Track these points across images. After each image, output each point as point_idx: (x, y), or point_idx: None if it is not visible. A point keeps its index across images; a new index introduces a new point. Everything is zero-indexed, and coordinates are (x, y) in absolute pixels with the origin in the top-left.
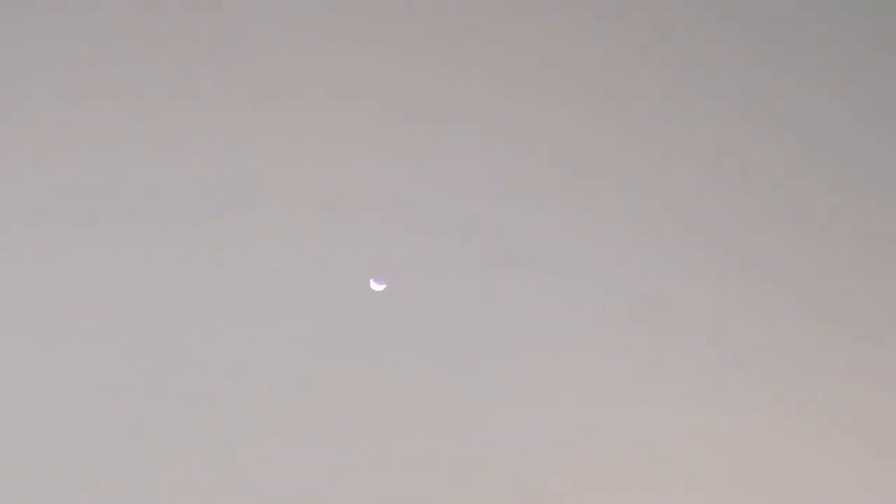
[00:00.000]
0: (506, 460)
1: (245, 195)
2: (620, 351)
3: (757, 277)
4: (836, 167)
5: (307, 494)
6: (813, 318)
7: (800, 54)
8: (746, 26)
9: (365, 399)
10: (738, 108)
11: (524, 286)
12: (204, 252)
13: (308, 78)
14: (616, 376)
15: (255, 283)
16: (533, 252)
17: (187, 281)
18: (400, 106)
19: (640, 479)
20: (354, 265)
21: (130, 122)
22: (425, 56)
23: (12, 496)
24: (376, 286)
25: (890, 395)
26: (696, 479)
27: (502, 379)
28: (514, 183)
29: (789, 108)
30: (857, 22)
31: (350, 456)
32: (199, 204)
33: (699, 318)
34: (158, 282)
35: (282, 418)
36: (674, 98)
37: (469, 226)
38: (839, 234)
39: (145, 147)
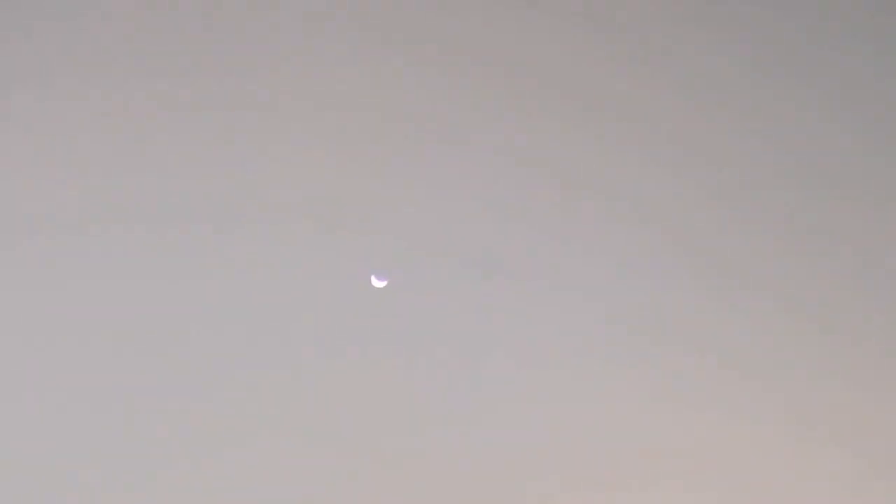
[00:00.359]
0: (502, 464)
1: (244, 202)
2: (616, 357)
3: (751, 283)
4: (835, 179)
5: (305, 495)
6: (808, 324)
7: (796, 69)
8: (739, 39)
9: (362, 403)
10: (732, 118)
11: (522, 292)
12: (203, 258)
13: (308, 89)
14: (611, 382)
15: (254, 291)
16: (530, 259)
17: (187, 286)
18: (399, 117)
19: (633, 484)
20: (353, 271)
21: (132, 132)
22: (424, 70)
23: (12, 496)
24: (377, 283)
25: (886, 401)
26: (692, 483)
27: (499, 383)
28: (513, 191)
29: (783, 118)
30: (854, 32)
31: (348, 457)
32: (199, 211)
33: (694, 325)
34: (158, 285)
35: (280, 421)
36: (667, 109)
37: (469, 233)
38: (836, 244)
39: (146, 157)
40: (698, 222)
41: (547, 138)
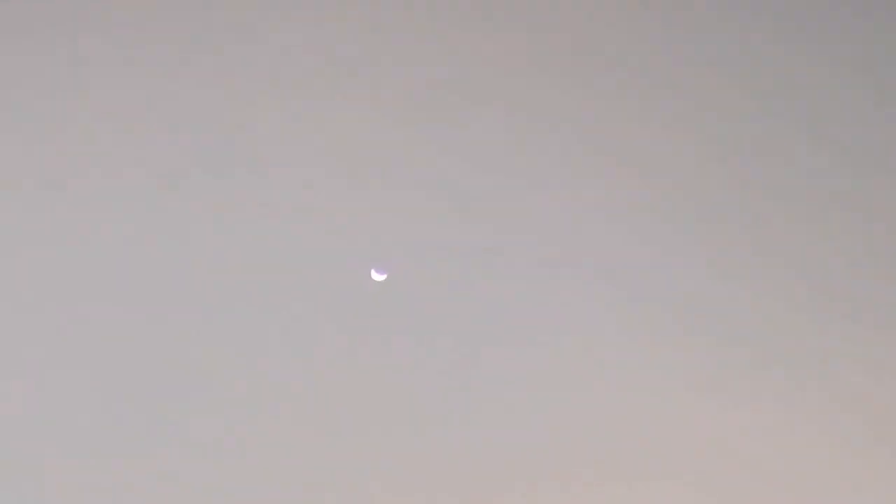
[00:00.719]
0: (509, 456)
1: (245, 191)
2: (629, 345)
3: (772, 268)
4: (861, 161)
5: (303, 491)
6: (831, 311)
7: (822, 46)
8: (766, 16)
9: (364, 394)
10: (757, 98)
11: (528, 278)
12: (198, 252)
13: (312, 61)
14: (625, 370)
15: (253, 276)
16: (539, 243)
17: (181, 274)
18: (417, 86)
19: (647, 475)
20: (357, 255)
21: (133, 95)
22: (441, 36)
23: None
24: (377, 276)
25: None
26: (706, 477)
27: (505, 373)
28: (520, 169)
29: (807, 97)
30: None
31: (347, 453)
32: (196, 200)
33: (709, 310)
34: (150, 274)
35: (277, 412)
36: (690, 89)
37: (473, 214)
38: (862, 227)
39: (142, 128)
40: (714, 212)
41: (567, 117)
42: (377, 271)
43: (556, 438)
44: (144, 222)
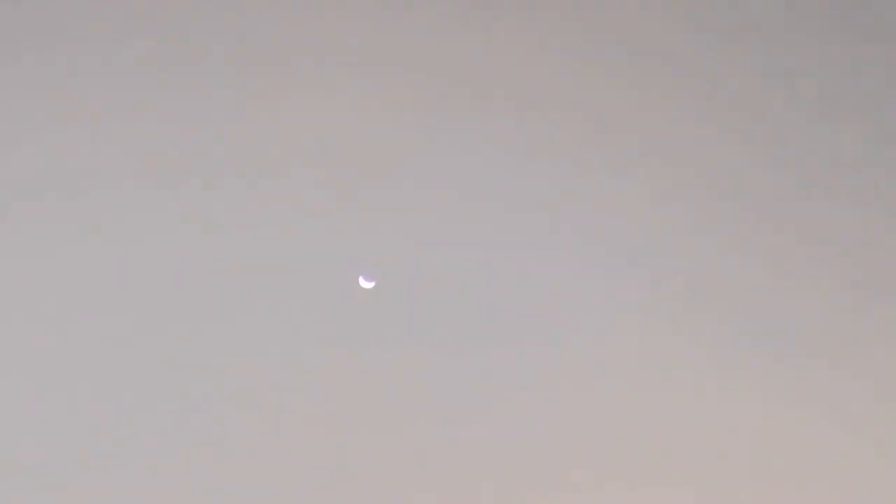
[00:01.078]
0: (512, 458)
1: (235, 195)
2: (633, 343)
3: (786, 262)
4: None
5: (302, 491)
6: (847, 306)
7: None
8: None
9: (364, 394)
10: (777, 80)
11: (529, 277)
12: (198, 255)
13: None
14: (629, 369)
15: (253, 276)
16: (540, 243)
17: (178, 276)
18: (415, 85)
19: (651, 477)
20: (359, 252)
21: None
22: (441, 32)
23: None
24: (365, 284)
25: None
26: (712, 478)
27: (507, 373)
28: (520, 166)
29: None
30: None
31: (348, 452)
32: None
33: (713, 309)
34: (145, 275)
35: (277, 412)
36: (700, 80)
37: (473, 213)
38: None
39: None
40: (737, 192)
41: (573, 93)
42: (365, 279)
43: (563, 439)
44: (139, 223)
